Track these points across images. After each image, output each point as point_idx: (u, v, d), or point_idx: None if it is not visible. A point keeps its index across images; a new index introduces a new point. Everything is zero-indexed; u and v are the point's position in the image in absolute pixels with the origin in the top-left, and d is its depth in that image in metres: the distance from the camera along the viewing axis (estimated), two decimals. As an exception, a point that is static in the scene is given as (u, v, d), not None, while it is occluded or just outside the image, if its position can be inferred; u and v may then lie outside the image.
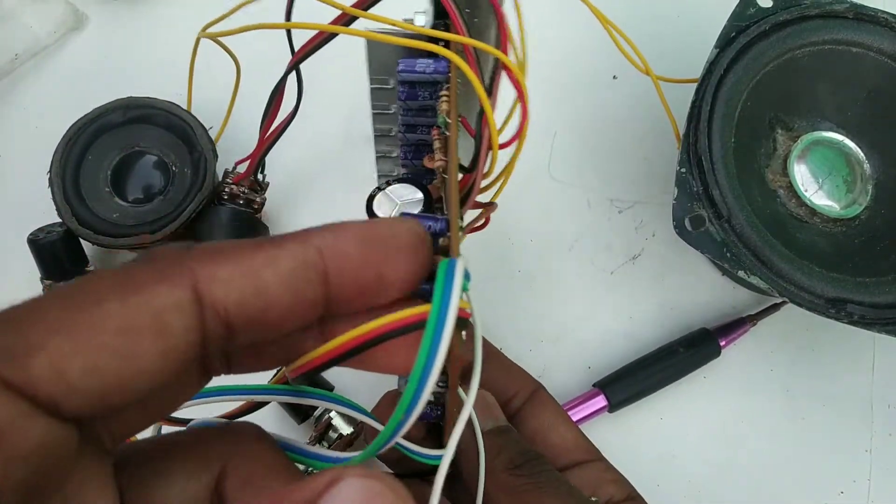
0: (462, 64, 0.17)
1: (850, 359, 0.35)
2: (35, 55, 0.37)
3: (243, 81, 0.31)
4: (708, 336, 0.33)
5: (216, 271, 0.13)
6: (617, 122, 0.37)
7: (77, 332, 0.12)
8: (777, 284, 0.28)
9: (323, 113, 0.34)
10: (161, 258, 0.13)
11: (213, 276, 0.13)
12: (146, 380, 0.12)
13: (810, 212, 0.32)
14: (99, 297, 0.12)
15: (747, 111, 0.31)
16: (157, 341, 0.12)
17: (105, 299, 0.12)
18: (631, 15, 0.34)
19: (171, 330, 0.13)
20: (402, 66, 0.20)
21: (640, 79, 0.35)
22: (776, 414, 0.34)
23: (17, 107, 0.36)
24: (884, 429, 0.34)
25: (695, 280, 0.35)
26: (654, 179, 0.36)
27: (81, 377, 0.12)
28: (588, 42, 0.35)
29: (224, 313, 0.13)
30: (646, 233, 0.36)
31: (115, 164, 0.32)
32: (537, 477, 0.22)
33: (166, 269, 0.13)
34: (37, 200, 0.32)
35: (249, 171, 0.30)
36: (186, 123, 0.32)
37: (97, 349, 0.12)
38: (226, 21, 0.28)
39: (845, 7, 0.32)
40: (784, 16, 0.31)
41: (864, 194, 0.33)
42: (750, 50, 0.31)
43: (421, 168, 0.23)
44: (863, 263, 0.30)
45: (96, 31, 0.38)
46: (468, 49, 0.18)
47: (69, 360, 0.12)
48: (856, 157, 0.33)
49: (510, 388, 0.26)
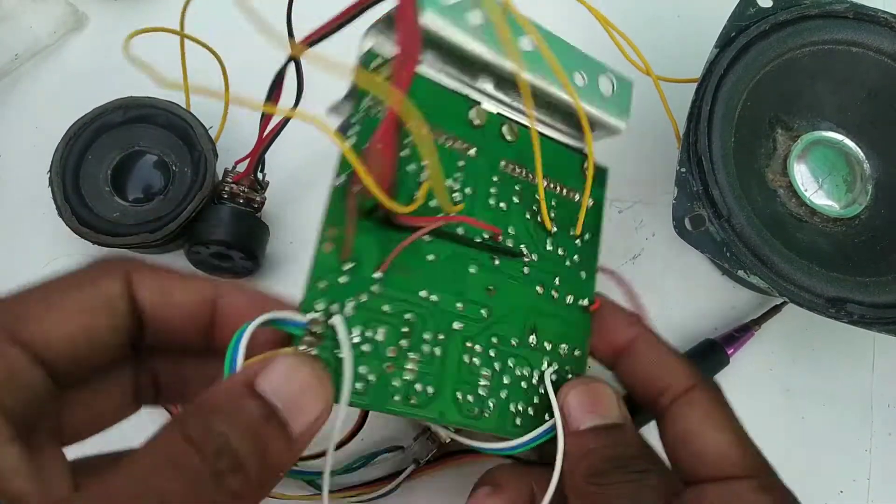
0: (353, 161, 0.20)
1: (850, 359, 0.35)
2: (35, 55, 0.37)
3: (244, 81, 0.31)
4: (715, 347, 0.33)
5: (143, 277, 0.19)
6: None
7: (55, 311, 0.17)
8: (777, 284, 0.28)
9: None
10: (109, 261, 0.19)
11: (140, 279, 0.19)
12: (101, 349, 0.18)
13: (810, 211, 0.32)
14: (66, 288, 0.18)
15: (747, 111, 0.31)
16: (109, 318, 0.18)
17: (72, 289, 0.18)
18: (630, 15, 0.34)
19: (118, 311, 0.18)
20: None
21: (640, 79, 0.35)
22: (776, 414, 0.34)
23: (17, 107, 0.36)
24: (883, 428, 0.34)
25: (695, 280, 0.35)
26: (654, 179, 0.36)
27: (59, 341, 0.17)
28: (588, 42, 0.35)
29: (142, 307, 0.19)
30: (646, 233, 0.36)
31: (115, 164, 0.32)
32: (618, 488, 0.20)
33: (112, 269, 0.18)
34: (37, 200, 0.31)
35: (249, 170, 0.30)
36: (186, 123, 0.32)
37: (70, 322, 0.17)
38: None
39: (845, 7, 0.32)
40: (784, 16, 0.31)
41: (864, 194, 0.33)
42: (750, 50, 0.31)
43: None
44: (863, 263, 0.30)
45: (96, 31, 0.38)
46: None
47: (51, 329, 0.17)
48: (856, 157, 0.33)
49: (662, 380, 0.23)
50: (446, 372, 0.23)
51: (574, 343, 0.26)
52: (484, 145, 0.25)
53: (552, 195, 0.26)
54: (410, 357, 0.22)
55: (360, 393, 0.21)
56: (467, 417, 0.23)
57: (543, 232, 0.26)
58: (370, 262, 0.22)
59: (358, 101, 0.23)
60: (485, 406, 0.24)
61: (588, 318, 0.26)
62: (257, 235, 0.31)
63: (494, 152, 0.25)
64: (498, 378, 0.24)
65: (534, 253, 0.25)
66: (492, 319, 0.24)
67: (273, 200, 0.33)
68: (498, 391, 0.24)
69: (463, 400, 0.23)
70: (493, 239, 0.25)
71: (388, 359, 0.22)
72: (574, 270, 0.26)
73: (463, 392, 0.23)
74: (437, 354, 0.23)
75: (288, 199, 0.34)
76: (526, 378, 0.24)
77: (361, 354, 0.21)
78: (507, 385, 0.24)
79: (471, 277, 0.24)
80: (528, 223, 0.26)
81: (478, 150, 0.25)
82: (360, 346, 0.22)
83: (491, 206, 0.25)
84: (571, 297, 0.26)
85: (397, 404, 0.22)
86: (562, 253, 0.26)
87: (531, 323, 0.25)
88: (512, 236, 0.25)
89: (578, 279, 0.26)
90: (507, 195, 0.25)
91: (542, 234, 0.26)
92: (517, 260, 0.25)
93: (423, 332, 0.23)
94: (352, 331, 0.21)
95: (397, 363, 0.22)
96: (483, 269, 0.24)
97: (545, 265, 0.26)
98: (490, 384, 0.24)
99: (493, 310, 0.24)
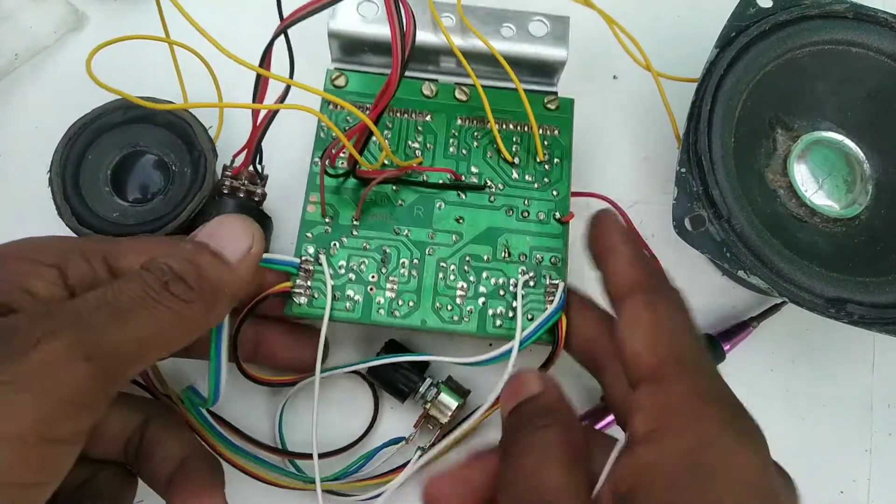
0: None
1: (850, 359, 0.35)
2: (35, 55, 0.37)
3: (244, 81, 0.31)
4: (712, 342, 0.33)
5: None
6: (617, 122, 0.38)
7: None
8: (777, 284, 0.28)
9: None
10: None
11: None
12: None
13: (810, 212, 0.32)
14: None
15: (747, 111, 0.31)
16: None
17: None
18: (631, 15, 0.34)
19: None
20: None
21: (640, 79, 0.35)
22: (776, 414, 0.33)
23: (17, 107, 0.36)
24: (883, 428, 0.34)
25: (695, 280, 0.35)
26: (654, 179, 0.36)
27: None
28: (588, 42, 0.35)
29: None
30: (646, 233, 0.36)
31: (115, 164, 0.32)
32: (521, 441, 0.21)
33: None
34: (37, 200, 0.31)
35: (247, 161, 0.30)
36: (186, 123, 0.32)
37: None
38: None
39: (845, 7, 0.32)
40: (784, 16, 0.31)
41: (864, 194, 0.33)
42: (750, 50, 0.31)
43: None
44: (863, 263, 0.30)
45: (96, 31, 0.38)
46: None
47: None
48: (856, 157, 0.33)
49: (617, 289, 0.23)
50: (425, 288, 0.29)
51: (551, 252, 0.30)
52: (439, 110, 0.32)
53: (514, 133, 0.32)
54: (390, 279, 0.29)
55: (350, 311, 0.29)
56: (448, 323, 0.29)
57: (509, 165, 0.32)
58: (347, 214, 0.30)
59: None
60: (463, 313, 0.29)
61: (564, 229, 0.31)
62: (261, 227, 0.31)
63: (450, 112, 0.32)
64: (474, 288, 0.30)
65: (499, 183, 0.31)
66: (461, 243, 0.30)
67: (273, 197, 0.32)
68: (475, 299, 0.29)
69: (442, 308, 0.29)
70: (456, 178, 0.31)
71: (371, 283, 0.29)
72: (545, 191, 0.31)
73: (442, 303, 0.29)
74: (414, 276, 0.30)
75: (288, 196, 0.34)
76: (502, 286, 0.30)
77: (349, 281, 0.29)
78: (483, 293, 0.29)
79: (439, 212, 0.31)
80: (491, 160, 0.32)
81: (433, 114, 0.32)
82: (347, 275, 0.29)
83: (451, 154, 0.32)
84: (543, 213, 0.31)
85: (382, 317, 0.29)
86: (529, 178, 0.32)
87: (503, 241, 0.30)
88: (475, 174, 0.31)
89: (550, 197, 0.31)
90: (468, 143, 0.32)
91: (508, 167, 0.32)
92: (484, 193, 0.31)
93: (400, 259, 0.30)
94: (339, 264, 0.29)
95: (378, 286, 0.29)
96: (449, 204, 0.31)
97: (513, 191, 0.31)
98: (466, 294, 0.29)
99: (464, 234, 0.30)
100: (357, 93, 0.32)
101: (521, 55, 0.32)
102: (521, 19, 0.33)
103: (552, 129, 0.32)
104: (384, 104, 0.27)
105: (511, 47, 0.32)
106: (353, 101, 0.32)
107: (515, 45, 0.32)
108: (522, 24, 0.32)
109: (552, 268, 0.30)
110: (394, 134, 0.32)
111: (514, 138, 0.32)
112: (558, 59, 0.32)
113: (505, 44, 0.32)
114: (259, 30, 0.28)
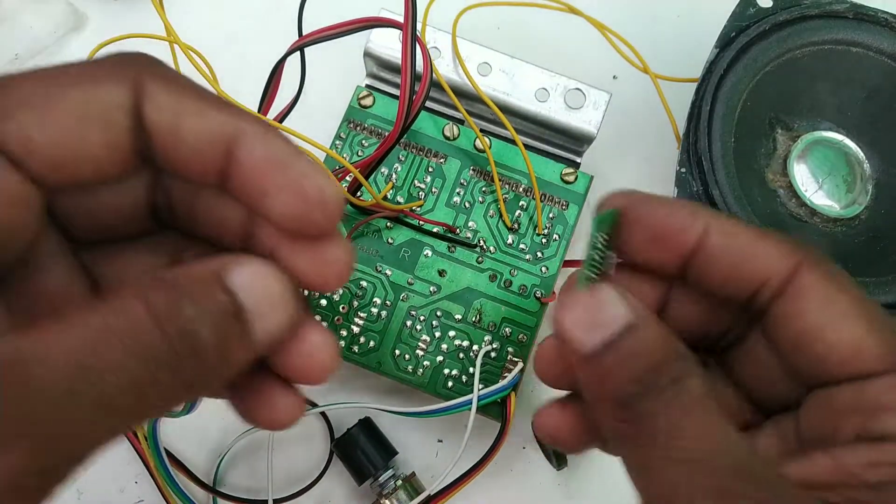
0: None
1: (850, 359, 0.35)
2: (35, 55, 0.37)
3: (245, 81, 0.31)
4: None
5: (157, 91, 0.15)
6: (617, 123, 0.37)
7: (43, 111, 0.14)
8: (777, 284, 0.28)
9: (324, 105, 0.34)
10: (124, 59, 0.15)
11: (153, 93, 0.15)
12: (93, 165, 0.15)
13: (810, 212, 0.32)
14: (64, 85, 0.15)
15: (747, 111, 0.31)
16: (103, 132, 0.15)
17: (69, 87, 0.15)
18: (630, 15, 0.34)
19: (116, 125, 0.15)
20: None
21: (639, 79, 0.35)
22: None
23: (17, 107, 0.36)
24: (884, 429, 0.34)
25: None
26: (654, 179, 0.36)
27: (42, 147, 0.14)
28: (588, 42, 0.35)
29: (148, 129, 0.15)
30: (646, 233, 0.36)
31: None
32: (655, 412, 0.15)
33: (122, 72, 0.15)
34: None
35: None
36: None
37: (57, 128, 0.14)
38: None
39: (845, 7, 0.32)
40: (784, 16, 0.31)
41: (864, 194, 0.33)
42: (750, 50, 0.31)
43: None
44: (863, 263, 0.30)
45: (96, 31, 0.38)
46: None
47: (33, 130, 0.14)
48: (856, 157, 0.33)
49: (754, 273, 0.17)
50: (389, 332, 0.29)
51: (521, 329, 0.30)
52: (455, 155, 0.31)
53: (521, 198, 0.31)
54: (359, 315, 0.29)
55: None
56: (401, 372, 0.29)
57: (507, 229, 0.31)
58: None
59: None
60: (419, 365, 0.29)
61: (541, 309, 0.30)
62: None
63: (465, 161, 0.31)
64: (437, 344, 0.29)
65: (492, 245, 0.31)
66: (438, 296, 0.30)
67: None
68: (435, 355, 0.29)
69: (400, 356, 0.29)
70: (451, 231, 0.30)
71: (340, 314, 0.29)
72: (534, 265, 0.31)
73: (401, 350, 0.29)
74: (382, 317, 0.29)
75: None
76: (464, 350, 0.29)
77: (318, 307, 0.29)
78: (444, 352, 0.29)
79: (424, 259, 0.30)
80: (492, 220, 0.31)
81: (448, 158, 0.31)
82: (319, 300, 0.29)
83: (454, 204, 0.31)
84: (526, 287, 0.30)
85: (340, 349, 0.27)
86: (523, 248, 0.31)
87: (478, 304, 0.30)
88: (472, 230, 0.31)
89: (538, 273, 0.31)
90: (473, 196, 0.31)
91: (506, 231, 0.31)
92: (474, 251, 0.30)
93: (374, 297, 0.30)
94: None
95: (346, 318, 0.29)
96: (437, 254, 0.30)
97: (503, 257, 0.30)
98: (427, 349, 0.29)
99: (442, 289, 0.30)
100: (380, 117, 0.32)
101: (550, 119, 0.31)
102: (561, 83, 0.31)
103: (562, 203, 0.31)
104: (384, 150, 0.27)
105: (541, 109, 0.31)
106: (373, 124, 0.32)
107: (545, 107, 0.31)
108: (560, 88, 0.31)
109: (517, 344, 0.29)
110: (404, 168, 0.31)
111: (521, 203, 0.31)
112: (587, 133, 0.31)
113: (537, 105, 0.31)
114: (273, 36, 0.29)
